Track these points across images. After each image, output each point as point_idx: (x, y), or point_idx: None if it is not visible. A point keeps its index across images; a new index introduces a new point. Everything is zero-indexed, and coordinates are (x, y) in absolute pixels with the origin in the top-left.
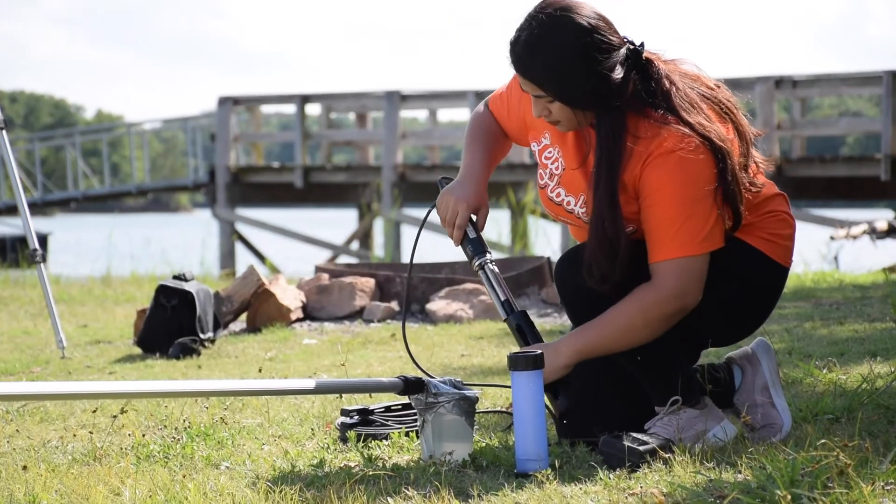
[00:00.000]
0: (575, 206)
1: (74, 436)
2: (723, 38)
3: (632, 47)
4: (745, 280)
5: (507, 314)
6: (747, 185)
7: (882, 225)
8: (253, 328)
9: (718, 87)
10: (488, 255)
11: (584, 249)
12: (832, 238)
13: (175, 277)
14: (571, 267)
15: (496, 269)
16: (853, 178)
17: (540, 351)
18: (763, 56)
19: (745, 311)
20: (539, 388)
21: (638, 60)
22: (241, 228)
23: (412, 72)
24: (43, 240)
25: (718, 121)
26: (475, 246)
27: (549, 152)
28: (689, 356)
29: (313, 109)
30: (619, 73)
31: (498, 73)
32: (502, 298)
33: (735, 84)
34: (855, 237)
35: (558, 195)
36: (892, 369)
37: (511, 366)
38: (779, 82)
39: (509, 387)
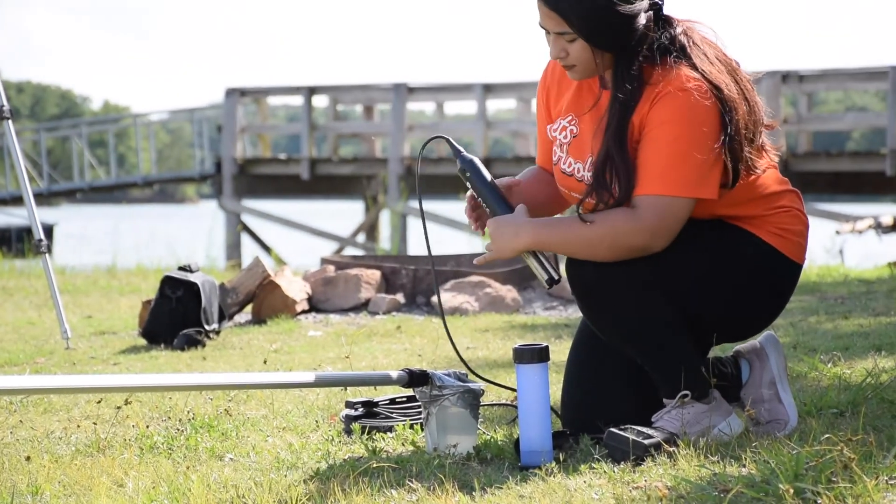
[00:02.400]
0: (584, 171)
1: (78, 426)
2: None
3: (653, 1)
4: (753, 273)
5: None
6: (749, 155)
7: (887, 220)
8: (258, 320)
9: (739, 64)
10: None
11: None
12: (837, 232)
13: (180, 268)
14: (582, 261)
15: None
16: (859, 172)
17: (545, 344)
18: (769, 50)
19: (755, 305)
20: (544, 380)
21: (659, 13)
22: (248, 220)
23: (419, 64)
24: (48, 230)
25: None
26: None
27: (557, 125)
28: (700, 350)
29: (320, 101)
30: (642, 19)
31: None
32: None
33: None
34: (860, 232)
35: (569, 165)
36: None
37: (516, 358)
38: (785, 77)
39: (508, 387)
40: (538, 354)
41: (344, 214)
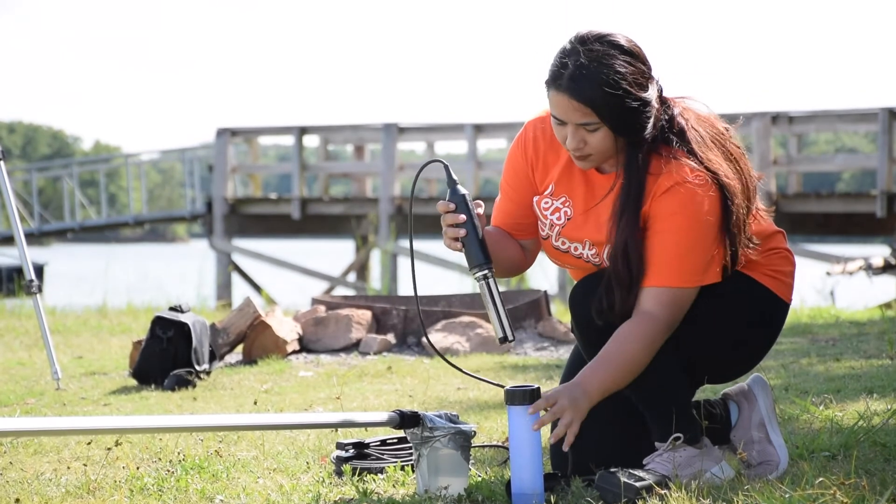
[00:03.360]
0: (583, 250)
1: (68, 468)
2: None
3: (657, 79)
4: (751, 316)
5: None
6: (749, 233)
7: (878, 261)
8: (249, 360)
9: (727, 130)
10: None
11: (598, 279)
12: (828, 274)
13: (171, 309)
14: (587, 293)
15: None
16: (849, 214)
17: (536, 385)
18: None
19: (748, 346)
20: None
21: (661, 94)
22: (238, 259)
23: (410, 104)
24: (39, 270)
25: (725, 163)
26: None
27: (547, 202)
28: (692, 391)
29: (311, 141)
30: (655, 103)
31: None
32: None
33: (731, 119)
34: (851, 273)
35: (563, 243)
36: (889, 406)
37: (508, 400)
38: (775, 118)
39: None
40: (529, 396)
41: (335, 254)
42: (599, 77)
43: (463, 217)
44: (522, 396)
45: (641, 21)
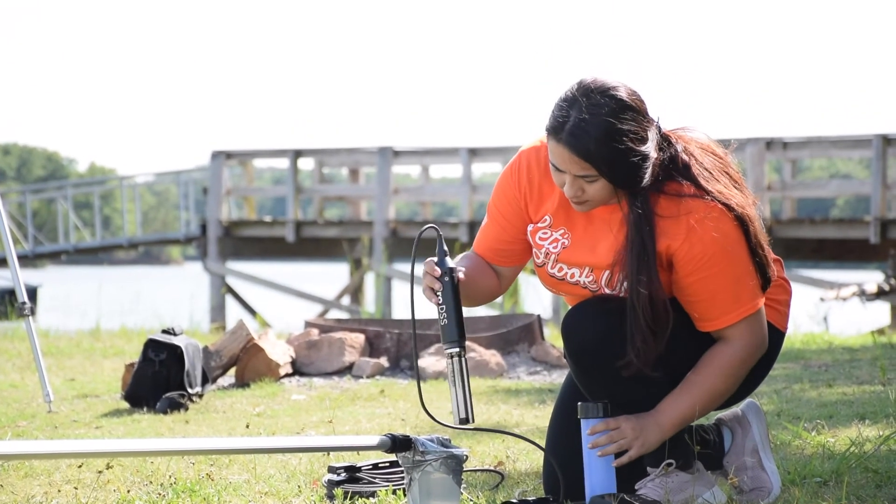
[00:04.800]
0: (580, 276)
1: (59, 491)
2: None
3: (656, 122)
4: None
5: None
6: (769, 253)
7: (871, 287)
8: (241, 383)
9: (726, 155)
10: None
11: (591, 306)
12: (822, 299)
13: (164, 331)
14: (581, 319)
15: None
16: (843, 240)
17: (607, 401)
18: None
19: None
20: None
21: (660, 132)
22: (232, 282)
23: (405, 128)
24: (32, 292)
25: (734, 190)
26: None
27: (545, 233)
28: None
29: (306, 164)
30: (654, 153)
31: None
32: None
33: (725, 145)
34: (845, 299)
35: (560, 269)
36: (881, 433)
37: (581, 413)
38: (769, 143)
39: (501, 432)
40: (602, 409)
41: (329, 277)
42: (600, 134)
43: (439, 285)
44: (595, 410)
45: (637, 44)
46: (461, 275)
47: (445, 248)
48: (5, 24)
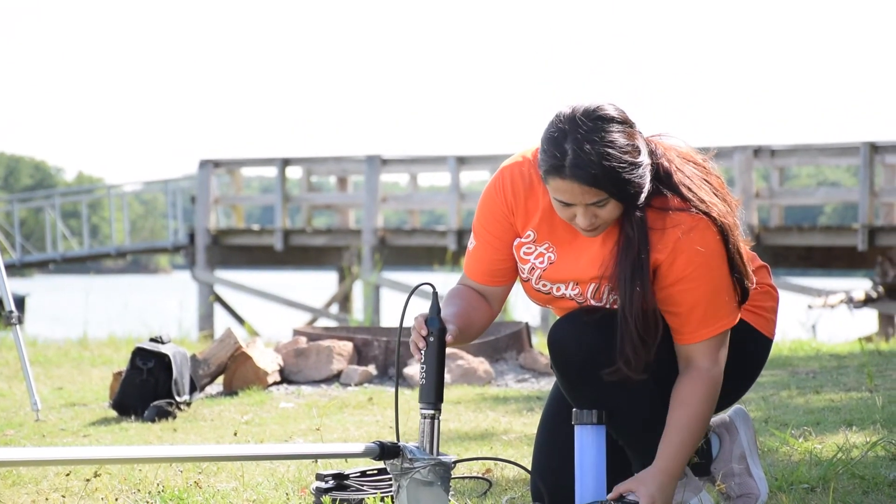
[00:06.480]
0: (566, 290)
1: (47, 500)
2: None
3: (638, 130)
4: (732, 352)
5: None
6: (747, 262)
7: (859, 294)
8: (229, 391)
9: (705, 161)
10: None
11: (577, 318)
12: (810, 307)
13: (151, 340)
14: (567, 331)
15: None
16: (831, 247)
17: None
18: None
19: (730, 381)
20: (600, 442)
21: (644, 141)
22: (221, 291)
23: (393, 136)
24: (20, 301)
25: (715, 199)
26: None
27: (529, 248)
28: None
29: (294, 172)
30: (648, 158)
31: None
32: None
33: (705, 151)
34: (832, 306)
35: (544, 285)
36: (868, 439)
37: (575, 420)
38: (757, 151)
39: (490, 459)
40: (596, 416)
41: (317, 285)
42: (600, 157)
43: (424, 344)
44: (590, 416)
45: (624, 50)
46: (450, 336)
47: (439, 305)
48: None
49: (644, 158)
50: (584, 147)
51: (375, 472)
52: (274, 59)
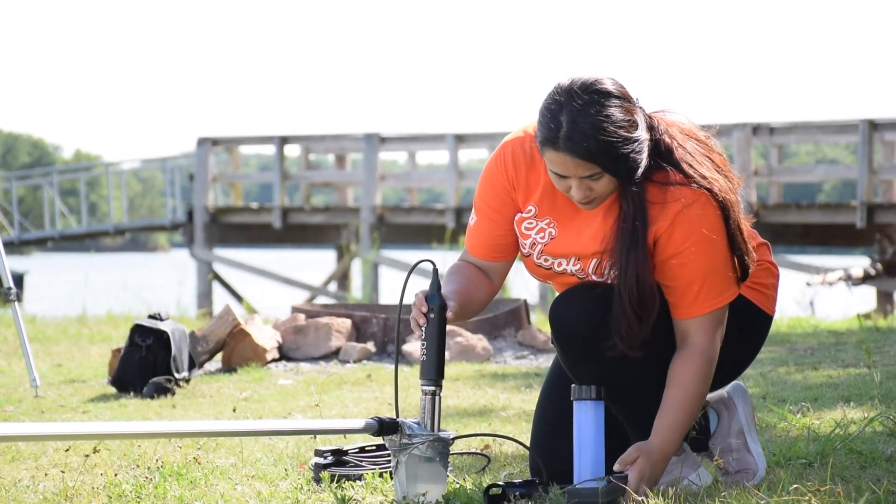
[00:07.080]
0: (567, 265)
1: (46, 475)
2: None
3: (639, 105)
4: (732, 328)
5: None
6: (748, 239)
7: (857, 272)
8: (228, 368)
9: (708, 138)
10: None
11: (579, 293)
12: (808, 284)
13: (150, 317)
14: (569, 306)
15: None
16: (829, 224)
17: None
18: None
19: (730, 358)
20: (599, 418)
21: (645, 116)
22: (219, 268)
23: (391, 114)
24: (19, 279)
25: (716, 174)
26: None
27: (530, 223)
28: None
29: (292, 150)
30: (646, 133)
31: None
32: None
33: (707, 129)
34: (831, 283)
35: (546, 260)
36: (865, 415)
37: (574, 395)
38: (756, 129)
39: (488, 435)
40: (595, 392)
41: (316, 263)
42: (595, 131)
43: (425, 320)
44: (588, 392)
45: (624, 30)
46: (450, 313)
47: (440, 281)
48: None
49: (641, 134)
50: (578, 120)
51: (374, 448)
52: (273, 37)
